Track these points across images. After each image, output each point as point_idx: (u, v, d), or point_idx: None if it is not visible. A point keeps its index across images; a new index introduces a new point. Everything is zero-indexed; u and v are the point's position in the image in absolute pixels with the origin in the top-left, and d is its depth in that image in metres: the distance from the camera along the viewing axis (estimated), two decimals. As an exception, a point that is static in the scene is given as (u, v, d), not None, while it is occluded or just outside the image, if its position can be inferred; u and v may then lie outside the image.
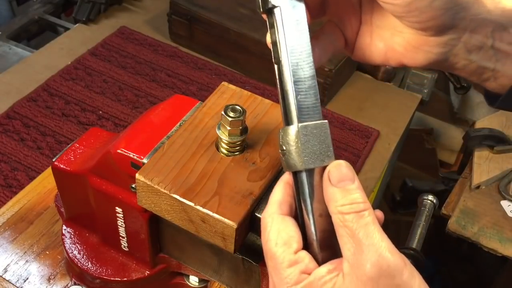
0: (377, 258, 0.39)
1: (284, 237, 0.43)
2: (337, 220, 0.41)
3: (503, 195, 1.19)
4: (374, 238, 0.40)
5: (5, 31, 2.18)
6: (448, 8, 0.44)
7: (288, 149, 0.44)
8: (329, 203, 0.42)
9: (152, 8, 2.31)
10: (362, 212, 0.40)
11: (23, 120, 1.68)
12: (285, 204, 0.45)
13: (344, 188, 0.41)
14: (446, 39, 0.46)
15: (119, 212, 0.68)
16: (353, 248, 0.40)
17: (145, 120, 0.67)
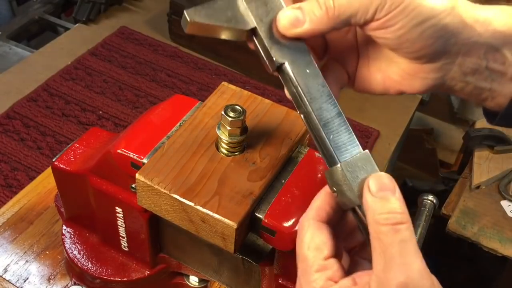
0: (406, 279, 0.38)
1: (317, 242, 0.44)
2: (372, 232, 0.40)
3: (503, 195, 1.19)
4: (407, 257, 0.39)
5: (5, 31, 2.18)
6: (438, 36, 0.45)
7: (339, 190, 0.44)
8: (367, 213, 0.41)
9: (152, 8, 2.31)
10: (398, 226, 0.40)
11: (23, 120, 1.68)
12: (323, 211, 0.46)
13: (383, 198, 0.41)
14: (440, 65, 0.48)
15: (119, 212, 0.68)
16: (384, 264, 0.39)
17: (145, 120, 0.67)
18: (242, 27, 0.46)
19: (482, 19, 0.47)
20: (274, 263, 0.65)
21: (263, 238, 0.59)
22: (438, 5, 0.45)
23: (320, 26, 0.46)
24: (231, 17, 0.46)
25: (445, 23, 0.45)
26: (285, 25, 0.46)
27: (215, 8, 0.46)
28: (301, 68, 0.46)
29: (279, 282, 0.66)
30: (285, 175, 0.61)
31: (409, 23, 0.44)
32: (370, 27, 0.46)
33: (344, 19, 0.45)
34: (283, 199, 0.58)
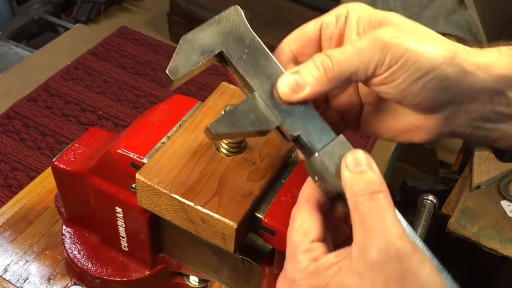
0: (386, 243, 0.39)
1: (305, 227, 0.44)
2: (351, 205, 0.41)
3: (503, 195, 1.19)
4: (386, 223, 0.39)
5: (5, 31, 2.18)
6: (440, 87, 0.45)
7: (320, 178, 0.44)
8: (344, 188, 0.42)
9: (152, 8, 2.31)
10: (376, 194, 0.40)
11: (23, 120, 1.68)
12: (313, 197, 0.46)
13: (360, 171, 0.41)
14: (446, 114, 0.48)
15: (119, 212, 0.68)
16: (363, 232, 0.40)
17: (145, 120, 0.67)
18: (267, 128, 0.45)
19: (483, 65, 0.46)
20: (274, 263, 0.65)
21: (263, 238, 0.59)
22: (438, 57, 0.44)
23: (322, 87, 0.45)
24: (254, 120, 0.45)
25: (446, 74, 0.44)
26: (286, 92, 0.46)
27: (237, 115, 0.45)
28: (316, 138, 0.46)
29: (279, 282, 0.66)
30: (285, 175, 0.61)
31: (410, 77, 0.44)
32: (371, 83, 0.46)
33: (345, 77, 0.45)
34: (283, 199, 0.58)
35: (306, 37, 0.49)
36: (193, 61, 0.45)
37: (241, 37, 0.46)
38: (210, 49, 0.46)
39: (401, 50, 0.44)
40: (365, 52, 0.44)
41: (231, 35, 0.46)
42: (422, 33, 0.46)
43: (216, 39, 0.46)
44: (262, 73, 0.46)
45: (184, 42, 0.45)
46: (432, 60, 0.44)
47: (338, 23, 0.48)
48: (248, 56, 0.46)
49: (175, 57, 0.45)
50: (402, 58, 0.44)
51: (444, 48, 0.45)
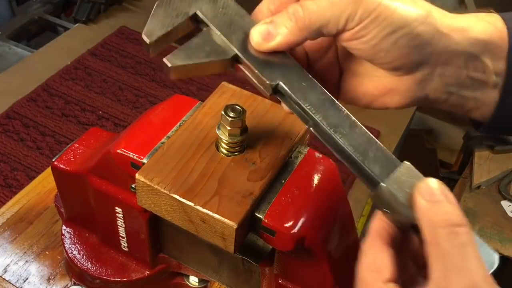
0: (470, 284, 0.36)
1: (377, 264, 0.41)
2: (428, 237, 0.38)
3: (503, 195, 1.19)
4: (470, 262, 0.36)
5: (5, 31, 2.18)
6: (413, 45, 0.45)
7: (391, 209, 0.41)
8: (420, 219, 0.39)
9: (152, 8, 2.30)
10: (457, 228, 0.37)
11: (23, 120, 1.68)
12: (384, 231, 0.43)
13: (436, 201, 0.38)
14: (420, 75, 0.47)
15: (119, 212, 0.68)
16: (443, 270, 0.37)
17: (145, 120, 0.67)
18: (223, 57, 0.45)
19: (459, 27, 0.46)
20: (274, 263, 0.65)
21: (263, 238, 0.59)
22: (411, 13, 0.44)
23: (293, 37, 0.45)
24: (210, 51, 0.45)
25: (418, 32, 0.44)
26: (258, 40, 0.46)
27: (192, 47, 0.45)
28: (296, 84, 0.45)
29: (279, 282, 0.66)
30: (285, 175, 0.61)
31: (381, 32, 0.44)
32: (343, 37, 0.45)
33: (315, 28, 0.45)
34: (283, 199, 0.58)
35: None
36: (167, 24, 0.45)
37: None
38: (184, 11, 0.46)
39: (374, 4, 0.43)
40: (338, 4, 0.44)
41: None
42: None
43: (189, 2, 0.46)
44: (236, 29, 0.46)
45: (157, 7, 0.46)
46: (404, 16, 0.44)
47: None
48: (223, 15, 0.46)
49: (150, 20, 0.45)
50: (373, 12, 0.43)
51: (418, 6, 0.45)
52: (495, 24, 0.47)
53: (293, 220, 0.56)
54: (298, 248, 0.57)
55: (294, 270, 0.64)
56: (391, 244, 0.43)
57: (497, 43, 0.47)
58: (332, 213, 0.62)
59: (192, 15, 0.46)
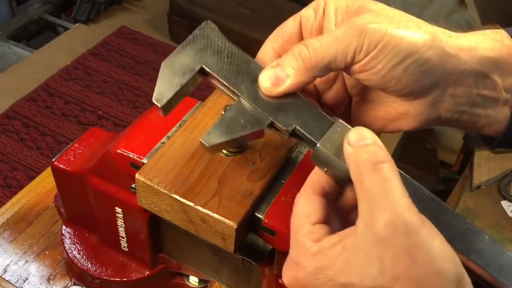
0: (392, 216, 0.37)
1: (306, 210, 0.43)
2: (355, 178, 0.40)
3: (504, 195, 1.19)
4: (392, 195, 0.37)
5: (5, 31, 2.18)
6: (423, 71, 0.44)
7: (327, 165, 0.43)
8: (349, 165, 0.41)
9: (152, 8, 2.31)
10: (380, 165, 0.39)
11: (23, 120, 1.68)
12: (317, 183, 0.45)
13: (363, 145, 0.40)
14: (431, 98, 0.47)
15: (119, 212, 0.68)
16: (368, 206, 0.38)
17: (145, 120, 0.67)
18: (259, 127, 0.45)
19: (466, 47, 0.46)
20: (274, 263, 0.65)
21: (263, 238, 0.59)
22: (418, 40, 0.44)
23: (302, 78, 0.45)
24: (245, 123, 0.45)
25: (427, 57, 0.44)
26: (268, 86, 0.46)
27: (226, 122, 0.45)
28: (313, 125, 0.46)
29: (279, 282, 0.66)
30: (285, 175, 0.61)
31: (390, 62, 0.44)
32: (352, 70, 0.45)
33: (323, 66, 0.44)
34: (283, 199, 0.58)
35: (287, 34, 0.49)
36: (176, 84, 0.46)
37: (218, 49, 0.47)
38: (190, 68, 0.46)
39: (379, 34, 0.43)
40: (343, 38, 0.44)
41: (208, 49, 0.47)
42: (401, 18, 0.45)
43: (194, 57, 0.46)
44: (244, 78, 0.47)
45: (164, 67, 0.46)
46: (412, 43, 0.43)
47: (317, 16, 0.48)
48: (228, 65, 0.47)
49: (158, 84, 0.45)
50: (380, 43, 0.43)
51: (424, 31, 0.45)
52: (502, 41, 0.47)
53: (293, 220, 0.56)
54: (298, 248, 0.57)
55: (294, 270, 0.64)
56: (323, 195, 0.44)
57: (506, 60, 0.47)
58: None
59: (199, 70, 0.46)
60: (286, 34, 0.49)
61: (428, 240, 0.37)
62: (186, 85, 0.46)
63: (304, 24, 0.49)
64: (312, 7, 0.48)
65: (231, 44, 0.48)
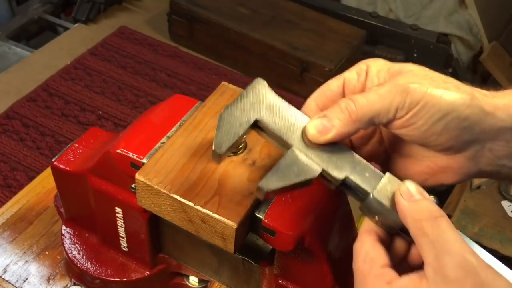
0: (460, 260, 0.40)
1: (371, 256, 0.45)
2: (415, 231, 0.43)
3: (504, 195, 1.19)
4: (456, 243, 0.41)
5: (5, 31, 2.18)
6: (462, 127, 0.47)
7: (380, 215, 0.47)
8: (404, 218, 0.44)
9: (152, 8, 2.31)
10: (439, 218, 0.43)
11: (23, 120, 1.68)
12: (373, 232, 0.48)
13: (416, 201, 0.44)
14: (471, 153, 0.50)
15: (119, 212, 0.68)
16: (435, 253, 0.41)
17: (145, 120, 0.67)
18: (312, 176, 0.49)
19: (501, 105, 0.48)
20: (274, 263, 0.65)
21: (263, 238, 0.58)
22: (457, 99, 0.47)
23: (346, 129, 0.48)
24: (299, 172, 0.48)
25: (466, 115, 0.47)
26: (314, 134, 0.49)
27: (281, 170, 0.49)
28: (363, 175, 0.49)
29: (279, 282, 0.66)
30: (285, 175, 0.61)
31: (431, 118, 0.47)
32: (394, 125, 0.48)
33: (367, 120, 0.48)
34: (283, 199, 0.58)
35: (330, 93, 0.52)
36: (234, 134, 0.50)
37: (270, 104, 0.51)
38: (246, 120, 0.50)
39: (420, 93, 0.46)
40: (386, 96, 0.47)
41: (261, 104, 0.51)
42: (440, 79, 0.48)
43: (249, 111, 0.50)
44: (295, 129, 0.50)
45: (222, 119, 0.50)
46: (451, 102, 0.46)
47: (360, 78, 0.51)
48: (280, 119, 0.50)
49: (218, 134, 0.49)
50: (422, 101, 0.46)
51: (462, 91, 0.47)
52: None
53: (293, 220, 0.56)
54: (298, 248, 0.57)
55: (294, 270, 0.64)
56: (381, 241, 0.47)
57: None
58: (332, 213, 0.62)
59: (254, 122, 0.50)
60: (330, 93, 0.52)
61: (496, 279, 0.41)
62: (242, 136, 0.50)
63: (347, 86, 0.52)
64: (355, 70, 0.52)
65: (281, 99, 0.52)
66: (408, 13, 2.48)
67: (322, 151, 0.49)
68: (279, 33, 2.06)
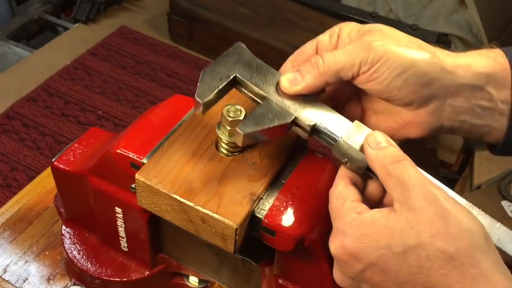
0: (424, 191, 0.45)
1: (343, 194, 0.50)
2: (383, 175, 0.48)
3: (504, 195, 1.19)
4: (419, 178, 0.45)
5: (5, 31, 2.18)
6: (421, 82, 0.52)
7: (349, 158, 0.51)
8: (372, 164, 0.49)
9: (152, 8, 2.31)
10: (402, 161, 0.47)
11: (23, 120, 1.68)
12: (346, 177, 0.52)
13: (381, 148, 0.48)
14: (432, 108, 0.54)
15: (119, 212, 0.68)
16: (401, 191, 0.46)
17: (145, 120, 0.67)
18: (284, 121, 0.53)
19: (462, 64, 0.53)
20: (274, 263, 0.65)
21: (263, 238, 0.58)
22: (417, 56, 0.52)
23: (314, 81, 0.54)
24: (273, 118, 0.53)
25: (425, 71, 0.51)
26: (286, 85, 0.55)
27: (257, 116, 0.53)
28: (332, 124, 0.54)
29: (279, 282, 0.66)
30: (285, 175, 0.61)
31: (391, 73, 0.51)
32: (359, 80, 0.53)
33: (333, 73, 0.53)
34: (283, 199, 0.58)
35: (305, 55, 0.58)
36: (214, 86, 0.54)
37: (248, 62, 0.57)
38: (226, 75, 0.55)
39: (383, 50, 0.51)
40: (351, 52, 0.52)
41: (240, 62, 0.56)
42: (405, 38, 0.53)
43: (229, 67, 0.56)
44: (270, 84, 0.56)
45: (204, 73, 0.55)
46: (411, 58, 0.51)
47: (332, 40, 0.57)
48: (257, 74, 0.56)
49: (200, 85, 0.54)
50: (384, 57, 0.51)
51: (424, 50, 0.52)
52: (496, 58, 0.54)
53: (293, 220, 0.56)
54: (298, 248, 0.57)
55: (294, 270, 0.64)
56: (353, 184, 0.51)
57: (500, 75, 0.53)
58: (332, 213, 0.62)
59: (233, 78, 0.55)
60: (304, 55, 0.58)
61: (455, 206, 0.45)
62: (222, 89, 0.55)
63: (320, 47, 0.57)
64: (328, 33, 0.57)
65: (258, 59, 0.57)
66: (408, 13, 2.48)
67: (295, 101, 0.55)
68: (279, 33, 2.06)
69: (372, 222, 0.46)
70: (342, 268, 0.50)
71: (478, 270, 0.43)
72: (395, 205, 0.46)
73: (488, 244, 0.44)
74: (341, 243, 0.48)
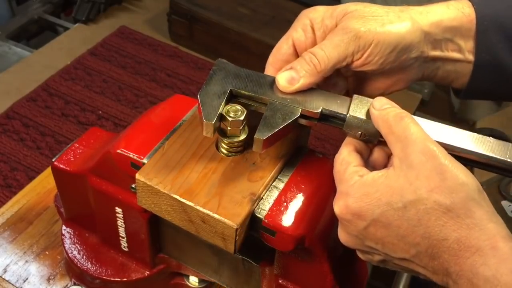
0: (423, 146, 0.47)
1: (347, 159, 0.53)
2: (385, 130, 0.50)
3: (504, 195, 1.19)
4: (419, 134, 0.48)
5: (5, 31, 2.18)
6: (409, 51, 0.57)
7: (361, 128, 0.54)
8: (376, 123, 0.52)
9: (152, 8, 2.31)
10: (404, 117, 0.50)
11: (23, 120, 1.68)
12: (349, 145, 0.54)
13: (385, 108, 0.52)
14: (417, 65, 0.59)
15: (119, 212, 0.68)
16: (401, 146, 0.48)
17: (145, 120, 0.67)
18: (294, 117, 0.55)
19: (435, 21, 0.58)
20: (274, 263, 0.65)
21: (263, 238, 0.58)
22: (401, 29, 0.55)
23: (312, 78, 0.56)
24: (283, 117, 0.55)
25: (411, 40, 0.56)
26: (284, 84, 0.56)
27: (268, 120, 0.55)
28: (336, 105, 0.56)
29: (279, 282, 0.66)
30: (285, 175, 0.61)
31: (384, 52, 0.55)
32: (354, 66, 0.57)
33: (329, 68, 0.56)
34: (283, 199, 0.58)
35: (283, 56, 0.59)
36: (216, 105, 0.56)
37: (236, 74, 0.58)
38: (223, 91, 0.57)
39: (371, 34, 0.54)
40: (341, 44, 0.55)
41: (229, 76, 0.58)
42: (382, 11, 0.56)
43: (222, 84, 0.57)
44: (266, 86, 0.57)
45: (201, 97, 0.56)
46: (397, 34, 0.55)
47: (307, 34, 0.58)
48: (250, 82, 0.58)
49: (203, 109, 0.55)
50: (373, 41, 0.55)
51: (403, 19, 0.56)
52: (463, 10, 0.59)
53: (293, 220, 0.56)
54: (298, 248, 0.57)
55: (294, 270, 0.64)
56: (357, 151, 0.54)
57: (466, 27, 0.59)
58: (332, 213, 0.62)
59: (229, 92, 0.57)
60: (283, 56, 0.59)
61: (452, 162, 0.47)
62: (223, 105, 0.56)
63: (298, 45, 0.59)
64: (300, 27, 0.59)
65: (243, 68, 0.59)
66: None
67: (295, 96, 0.56)
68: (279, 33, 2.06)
69: (373, 182, 0.49)
70: (346, 227, 0.52)
71: (473, 220, 0.46)
72: (394, 160, 0.49)
73: (482, 196, 0.47)
74: (345, 203, 0.50)
